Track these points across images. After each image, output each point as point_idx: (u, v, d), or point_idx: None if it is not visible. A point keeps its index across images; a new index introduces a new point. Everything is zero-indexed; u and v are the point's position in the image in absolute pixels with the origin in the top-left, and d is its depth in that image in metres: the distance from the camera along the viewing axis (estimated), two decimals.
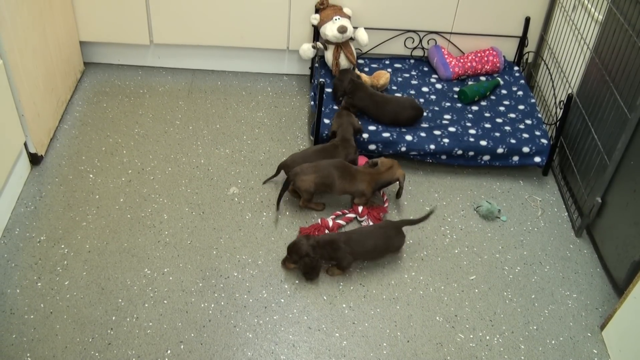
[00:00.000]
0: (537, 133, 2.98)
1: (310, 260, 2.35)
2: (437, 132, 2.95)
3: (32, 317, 2.22)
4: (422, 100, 3.18)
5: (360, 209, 2.66)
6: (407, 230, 2.66)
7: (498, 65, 3.37)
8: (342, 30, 3.11)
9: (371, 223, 2.63)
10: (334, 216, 2.67)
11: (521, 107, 3.18)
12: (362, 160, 2.88)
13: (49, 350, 2.12)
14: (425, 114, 3.08)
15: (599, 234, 2.65)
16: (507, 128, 3.02)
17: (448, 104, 3.17)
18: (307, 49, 3.26)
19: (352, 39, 3.24)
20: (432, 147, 2.88)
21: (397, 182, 2.70)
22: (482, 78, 3.38)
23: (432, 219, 2.73)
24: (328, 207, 2.73)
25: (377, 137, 2.89)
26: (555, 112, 3.07)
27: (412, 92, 3.23)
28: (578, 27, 2.96)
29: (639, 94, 2.36)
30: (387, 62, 3.45)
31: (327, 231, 2.58)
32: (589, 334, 2.35)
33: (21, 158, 2.68)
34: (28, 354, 2.10)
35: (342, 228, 2.64)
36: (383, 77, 3.22)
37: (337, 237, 2.41)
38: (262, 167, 2.92)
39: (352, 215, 2.69)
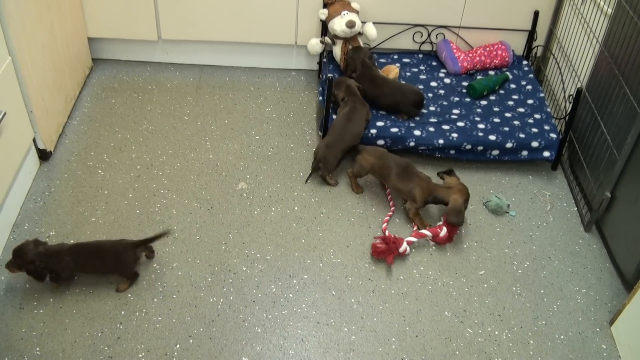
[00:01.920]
0: (546, 127, 2.97)
1: (34, 268, 2.18)
2: (445, 127, 2.94)
3: (41, 311, 2.23)
4: (430, 95, 3.17)
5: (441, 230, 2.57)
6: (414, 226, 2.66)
7: (507, 59, 3.36)
8: (350, 25, 3.11)
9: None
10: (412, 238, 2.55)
11: (530, 101, 3.17)
12: None
13: (58, 345, 2.13)
14: (433, 108, 3.07)
15: (608, 229, 2.64)
16: (516, 122, 3.00)
17: (457, 99, 3.16)
18: (315, 44, 3.26)
19: (360, 33, 3.23)
20: (441, 141, 2.88)
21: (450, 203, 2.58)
22: (491, 72, 3.36)
23: (441, 214, 2.73)
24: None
25: (386, 132, 2.88)
26: (565, 107, 3.05)
27: (421, 86, 3.22)
28: (587, 21, 2.94)
29: None
30: (396, 56, 3.44)
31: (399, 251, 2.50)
32: (598, 329, 2.34)
33: (30, 154, 2.70)
34: (37, 348, 2.12)
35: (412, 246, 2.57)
36: (392, 71, 3.21)
37: (62, 249, 2.24)
38: (271, 162, 2.92)
39: (428, 233, 2.57)
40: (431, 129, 2.92)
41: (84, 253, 2.27)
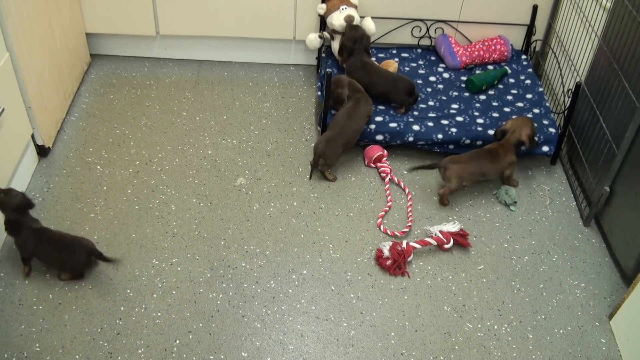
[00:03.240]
0: (545, 122, 2.97)
1: (15, 219, 2.20)
2: (444, 122, 2.94)
3: (41, 307, 2.23)
4: (429, 89, 3.17)
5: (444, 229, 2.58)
6: (416, 220, 2.66)
7: (506, 53, 3.36)
8: (348, 19, 3.10)
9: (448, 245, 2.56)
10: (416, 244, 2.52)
11: (529, 96, 3.16)
12: (374, 150, 2.87)
13: (57, 341, 2.13)
14: (432, 103, 3.07)
15: (607, 223, 2.64)
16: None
17: (456, 93, 3.16)
18: (313, 39, 3.25)
19: None
20: (440, 136, 2.87)
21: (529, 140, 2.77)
22: (490, 67, 3.36)
23: (441, 209, 2.73)
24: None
25: (384, 127, 2.88)
26: (564, 101, 3.05)
27: (420, 81, 3.21)
28: (586, 15, 2.94)
29: None
30: (395, 51, 3.43)
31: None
32: (597, 324, 2.35)
33: (29, 150, 2.69)
34: (37, 344, 2.12)
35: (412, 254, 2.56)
36: (391, 66, 3.21)
37: (31, 224, 2.25)
38: (270, 158, 2.91)
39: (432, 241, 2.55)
40: (430, 123, 2.92)
41: (46, 238, 2.27)
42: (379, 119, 2.92)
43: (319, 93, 3.08)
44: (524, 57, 3.43)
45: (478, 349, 2.22)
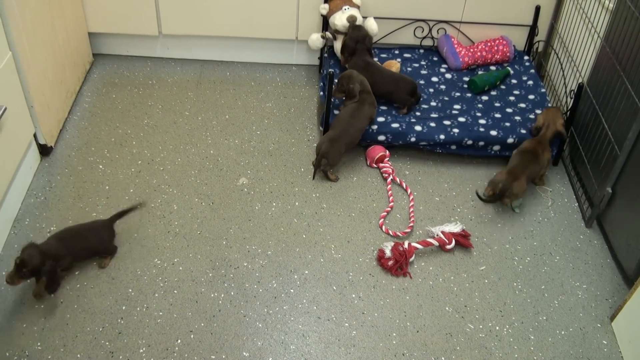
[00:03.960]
0: None
1: (50, 268, 2.12)
2: (446, 122, 2.94)
3: (42, 306, 2.23)
4: (431, 90, 3.17)
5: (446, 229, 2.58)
6: (417, 220, 2.66)
7: (508, 54, 3.35)
8: (351, 20, 3.10)
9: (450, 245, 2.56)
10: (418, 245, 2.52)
11: (531, 96, 3.16)
12: (376, 150, 2.87)
13: (59, 340, 2.13)
14: (434, 103, 3.07)
15: (609, 225, 2.63)
16: (518, 118, 3.00)
17: (458, 94, 3.16)
18: (316, 39, 3.25)
19: None
20: (442, 137, 2.87)
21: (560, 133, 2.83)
22: (492, 67, 3.36)
23: (442, 210, 2.73)
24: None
25: (387, 127, 2.88)
26: (566, 102, 3.05)
27: (422, 81, 3.21)
28: (589, 16, 2.93)
29: None
30: (397, 51, 3.44)
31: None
32: (599, 325, 2.34)
33: (31, 149, 2.69)
34: (39, 343, 2.12)
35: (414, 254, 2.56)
36: (393, 66, 3.21)
37: (47, 241, 2.22)
38: (272, 158, 2.91)
39: (434, 242, 2.55)
40: (432, 124, 2.92)
41: (68, 237, 2.27)
42: (381, 119, 2.92)
43: (321, 93, 3.08)
44: (526, 57, 3.43)
45: (479, 350, 2.22)
